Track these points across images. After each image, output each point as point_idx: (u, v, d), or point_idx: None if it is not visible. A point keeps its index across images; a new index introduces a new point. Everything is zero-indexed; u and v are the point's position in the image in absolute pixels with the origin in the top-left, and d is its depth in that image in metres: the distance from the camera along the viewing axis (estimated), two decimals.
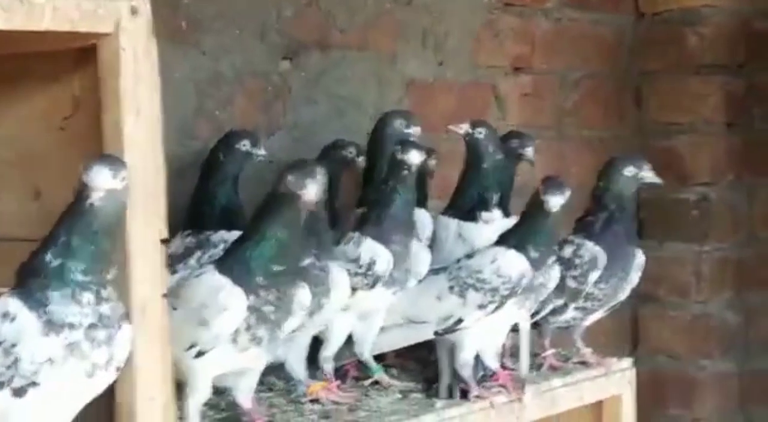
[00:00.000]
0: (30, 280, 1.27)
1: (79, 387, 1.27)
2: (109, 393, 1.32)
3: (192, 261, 2.03)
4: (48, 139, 1.42)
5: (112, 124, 1.33)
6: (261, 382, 1.80)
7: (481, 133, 2.20)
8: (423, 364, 2.15)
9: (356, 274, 1.94)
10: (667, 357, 3.27)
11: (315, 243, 1.85)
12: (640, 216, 3.25)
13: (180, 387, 1.64)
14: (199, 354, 1.61)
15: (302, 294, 1.69)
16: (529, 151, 2.32)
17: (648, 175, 2.17)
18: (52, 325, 1.24)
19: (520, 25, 2.94)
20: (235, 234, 2.01)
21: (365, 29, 2.58)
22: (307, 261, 1.83)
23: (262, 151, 2.10)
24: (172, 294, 1.61)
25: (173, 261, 2.04)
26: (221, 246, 2.03)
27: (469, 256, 2.01)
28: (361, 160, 2.26)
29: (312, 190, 1.65)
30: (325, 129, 2.49)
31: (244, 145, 2.09)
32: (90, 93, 1.38)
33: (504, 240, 2.00)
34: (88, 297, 1.26)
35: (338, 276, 1.89)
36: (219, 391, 1.72)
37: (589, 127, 3.15)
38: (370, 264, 1.94)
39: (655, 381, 3.26)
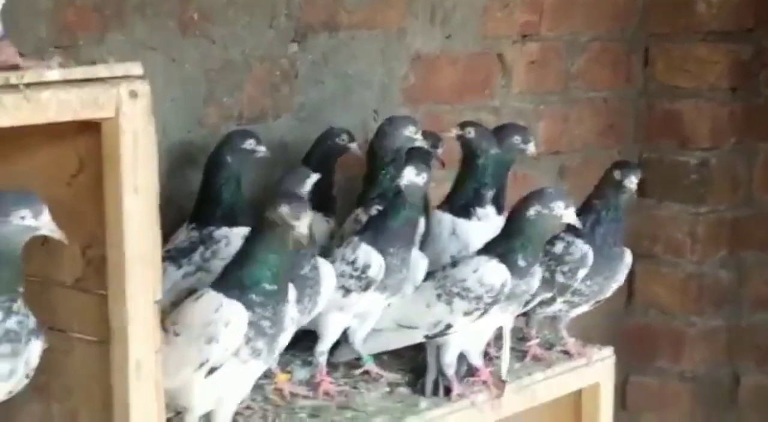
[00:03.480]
0: None
1: None
2: None
3: (196, 257, 2.15)
4: (55, 193, 1.51)
5: (112, 198, 1.43)
6: None
7: (470, 132, 2.29)
8: (414, 350, 2.26)
9: (351, 277, 2.06)
10: (659, 312, 3.39)
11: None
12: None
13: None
14: (211, 370, 1.73)
15: (293, 308, 1.82)
16: (531, 147, 2.38)
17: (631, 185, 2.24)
18: None
19: None
20: (237, 230, 2.16)
21: (373, 8, 2.64)
22: (306, 268, 1.97)
23: (263, 148, 2.20)
24: (173, 321, 1.75)
25: (178, 256, 2.17)
26: (223, 242, 2.17)
27: (453, 264, 2.12)
28: (354, 146, 2.36)
29: (305, 223, 1.75)
30: (331, 107, 2.58)
31: (250, 143, 2.19)
32: (94, 156, 1.47)
33: (492, 247, 2.10)
34: None
35: (324, 268, 2.02)
36: None
37: (595, 89, 3.21)
38: (365, 268, 2.05)
39: (646, 335, 3.40)
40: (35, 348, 1.45)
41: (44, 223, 1.43)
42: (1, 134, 1.34)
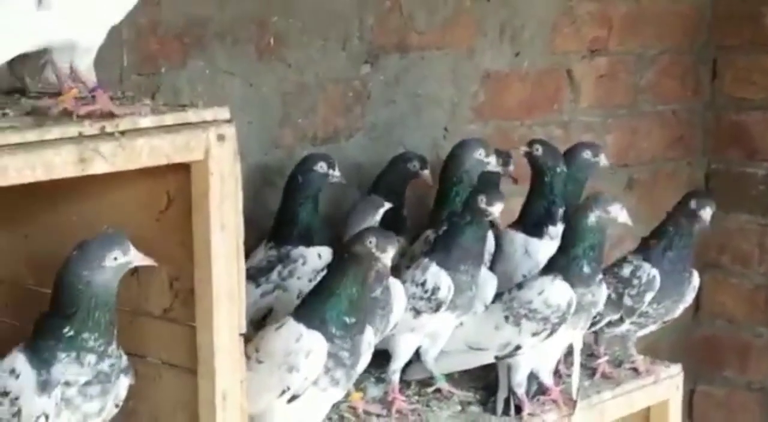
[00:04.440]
0: (42, 342, 1.48)
1: None
2: None
3: (274, 276, 2.22)
4: (144, 227, 1.58)
5: (200, 236, 1.49)
6: None
7: (538, 149, 2.34)
8: (485, 368, 2.30)
9: (421, 298, 2.11)
10: (726, 322, 3.41)
11: None
12: (708, 186, 3.39)
13: None
14: (293, 398, 1.80)
15: (369, 335, 1.88)
16: (602, 159, 2.43)
17: (706, 216, 2.27)
18: (49, 384, 1.45)
19: (598, 10, 3.01)
20: (313, 249, 2.22)
21: (443, 28, 2.68)
22: (378, 291, 2.02)
23: (338, 172, 2.26)
24: (256, 348, 1.81)
25: (257, 274, 2.23)
26: (300, 261, 2.23)
27: (519, 286, 2.16)
28: (426, 173, 2.41)
29: (390, 256, 1.81)
30: (402, 127, 2.63)
31: (324, 167, 2.25)
32: (182, 193, 1.54)
33: (555, 262, 2.13)
34: (91, 358, 1.48)
35: (395, 288, 2.06)
36: None
37: (663, 101, 3.24)
38: (434, 290, 2.11)
39: (713, 345, 3.42)
40: (123, 385, 1.53)
41: (134, 256, 1.51)
42: None
